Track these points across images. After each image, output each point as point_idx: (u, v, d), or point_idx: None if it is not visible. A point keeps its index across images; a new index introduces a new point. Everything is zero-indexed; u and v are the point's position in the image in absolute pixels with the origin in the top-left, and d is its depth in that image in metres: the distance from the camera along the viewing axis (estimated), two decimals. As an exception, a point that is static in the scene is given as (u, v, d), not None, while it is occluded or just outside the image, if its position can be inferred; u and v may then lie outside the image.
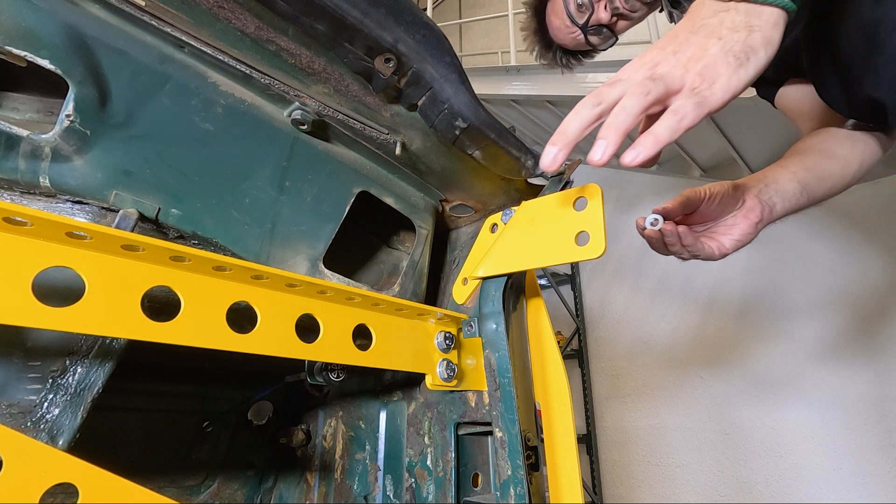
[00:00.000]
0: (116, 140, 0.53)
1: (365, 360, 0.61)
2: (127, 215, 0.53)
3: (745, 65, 0.47)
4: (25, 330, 0.51)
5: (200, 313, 0.49)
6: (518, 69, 2.90)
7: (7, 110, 0.60)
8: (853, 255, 2.53)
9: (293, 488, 1.06)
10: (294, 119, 0.64)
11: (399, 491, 0.80)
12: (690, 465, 2.82)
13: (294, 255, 0.67)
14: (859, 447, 2.32)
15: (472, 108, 0.64)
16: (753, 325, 2.75)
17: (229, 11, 0.53)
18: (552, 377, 0.73)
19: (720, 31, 0.48)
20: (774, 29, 0.48)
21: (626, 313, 3.32)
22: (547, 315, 0.78)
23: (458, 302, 0.80)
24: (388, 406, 0.87)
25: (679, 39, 0.49)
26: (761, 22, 0.48)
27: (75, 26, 0.49)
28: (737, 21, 0.48)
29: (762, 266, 2.80)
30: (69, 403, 0.52)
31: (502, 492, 0.64)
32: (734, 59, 0.46)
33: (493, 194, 0.83)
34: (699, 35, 0.48)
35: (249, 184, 0.63)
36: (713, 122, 2.61)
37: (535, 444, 0.71)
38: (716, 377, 2.83)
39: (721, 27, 0.48)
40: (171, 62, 0.55)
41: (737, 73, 0.46)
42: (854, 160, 0.78)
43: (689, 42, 0.48)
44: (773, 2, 0.48)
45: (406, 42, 0.57)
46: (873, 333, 2.39)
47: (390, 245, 0.98)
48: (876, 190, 2.52)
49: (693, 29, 0.49)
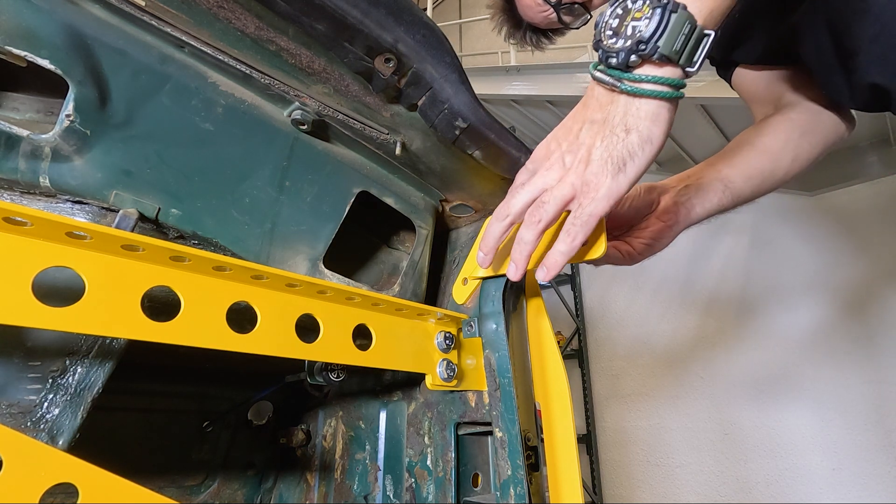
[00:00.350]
0: (116, 140, 0.53)
1: (365, 360, 0.61)
2: (127, 215, 0.53)
3: (623, 170, 0.47)
4: (25, 330, 0.51)
5: (200, 313, 0.49)
6: (518, 69, 2.90)
7: (7, 110, 0.60)
8: (853, 256, 2.53)
9: (293, 488, 1.06)
10: (294, 119, 0.64)
11: (399, 491, 0.80)
12: (690, 465, 2.82)
13: (294, 255, 0.67)
14: (859, 447, 2.33)
15: (472, 108, 0.64)
16: (753, 325, 2.75)
17: (229, 11, 0.53)
18: (552, 377, 0.73)
19: (604, 131, 0.48)
20: (654, 123, 0.46)
21: (626, 313, 3.32)
22: (547, 315, 0.78)
23: (458, 302, 0.80)
24: (388, 406, 0.87)
25: (570, 136, 0.52)
26: (638, 119, 0.47)
27: (75, 26, 0.49)
28: (617, 119, 0.47)
29: (762, 267, 2.80)
30: (69, 403, 0.52)
31: (502, 492, 0.64)
32: (612, 167, 0.47)
33: (493, 194, 0.83)
34: (587, 134, 0.50)
35: (249, 184, 0.63)
36: (712, 120, 2.61)
37: (535, 444, 0.71)
38: (716, 377, 2.83)
39: (605, 126, 0.48)
40: (171, 62, 0.55)
41: (616, 179, 0.47)
42: (786, 156, 0.76)
43: (577, 142, 0.50)
44: (650, 93, 0.46)
45: (406, 42, 0.57)
46: (874, 334, 2.39)
47: (390, 245, 0.98)
48: (876, 190, 2.53)
49: (583, 124, 0.51)
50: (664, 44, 0.44)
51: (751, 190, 0.74)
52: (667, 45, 0.44)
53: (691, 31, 0.44)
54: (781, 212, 2.77)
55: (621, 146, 0.47)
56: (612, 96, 0.48)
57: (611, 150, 0.47)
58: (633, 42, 0.45)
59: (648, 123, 0.46)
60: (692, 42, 0.45)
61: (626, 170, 0.47)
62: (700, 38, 0.45)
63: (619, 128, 0.47)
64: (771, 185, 0.76)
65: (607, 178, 0.47)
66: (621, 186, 0.48)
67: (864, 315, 2.43)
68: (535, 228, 0.51)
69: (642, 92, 0.46)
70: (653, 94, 0.46)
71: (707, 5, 0.45)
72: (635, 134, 0.47)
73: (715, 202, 0.71)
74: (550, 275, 0.52)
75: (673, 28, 0.44)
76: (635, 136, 0.47)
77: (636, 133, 0.47)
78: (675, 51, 0.44)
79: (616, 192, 0.48)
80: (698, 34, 0.45)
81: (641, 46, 0.44)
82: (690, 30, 0.44)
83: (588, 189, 0.48)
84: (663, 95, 0.46)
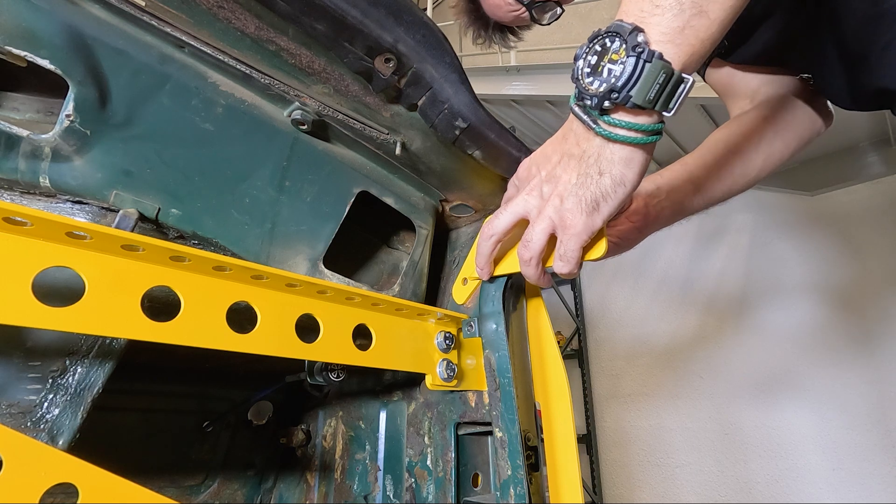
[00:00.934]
0: (116, 140, 0.53)
1: (365, 360, 0.61)
2: (127, 215, 0.53)
3: (597, 210, 0.48)
4: (25, 330, 0.51)
5: (200, 313, 0.49)
6: (518, 69, 2.90)
7: (7, 110, 0.60)
8: (853, 256, 2.53)
9: (293, 488, 1.06)
10: (294, 119, 0.64)
11: (399, 491, 0.80)
12: (690, 465, 2.82)
13: (294, 255, 0.67)
14: (859, 447, 2.33)
15: (472, 108, 0.64)
16: (753, 325, 2.75)
17: (229, 11, 0.53)
18: (552, 377, 0.73)
19: (580, 168, 0.49)
20: (627, 167, 0.47)
21: (626, 313, 3.32)
22: (547, 315, 0.78)
23: (458, 302, 0.80)
24: (388, 406, 0.87)
25: (549, 166, 0.53)
26: (612, 164, 0.47)
27: (75, 26, 0.49)
28: (592, 159, 0.48)
29: (762, 267, 2.80)
30: (69, 403, 0.52)
31: (502, 492, 0.64)
32: (586, 206, 0.48)
33: (493, 194, 0.83)
34: (564, 168, 0.51)
35: (249, 184, 0.63)
36: (712, 120, 2.61)
37: (535, 444, 0.71)
38: (716, 377, 2.83)
39: (581, 163, 0.49)
40: (171, 62, 0.55)
41: (591, 217, 0.49)
42: (758, 156, 0.75)
43: (555, 175, 0.52)
44: (623, 139, 0.46)
45: (406, 42, 0.57)
46: (874, 334, 2.39)
47: (390, 245, 0.98)
48: (876, 190, 2.53)
49: (561, 156, 0.52)
50: (637, 93, 0.43)
51: (721, 193, 0.75)
52: (639, 94, 0.43)
53: (667, 80, 0.43)
54: (781, 212, 2.77)
55: (594, 187, 0.48)
56: (589, 136, 0.48)
57: (584, 191, 0.48)
58: (607, 88, 0.44)
59: (622, 168, 0.47)
60: (668, 89, 0.43)
61: (600, 209, 0.49)
62: (678, 84, 0.44)
63: (594, 168, 0.48)
64: (743, 185, 0.76)
65: (582, 216, 0.49)
66: (596, 223, 0.49)
67: (864, 315, 2.43)
68: (529, 265, 0.55)
69: (616, 137, 0.46)
70: (626, 139, 0.46)
71: (684, 51, 0.44)
72: (608, 177, 0.47)
73: (685, 205, 0.72)
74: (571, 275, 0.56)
75: (647, 78, 0.42)
76: (608, 179, 0.47)
77: (609, 176, 0.47)
78: (649, 100, 0.43)
79: (592, 228, 0.50)
80: (676, 80, 0.43)
81: (614, 95, 0.44)
82: (666, 78, 0.43)
83: (565, 226, 0.50)
84: (637, 141, 0.45)
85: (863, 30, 0.62)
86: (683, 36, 0.43)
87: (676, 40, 0.43)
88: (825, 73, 0.71)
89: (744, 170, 0.75)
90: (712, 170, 0.73)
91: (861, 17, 0.62)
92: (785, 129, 0.76)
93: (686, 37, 0.43)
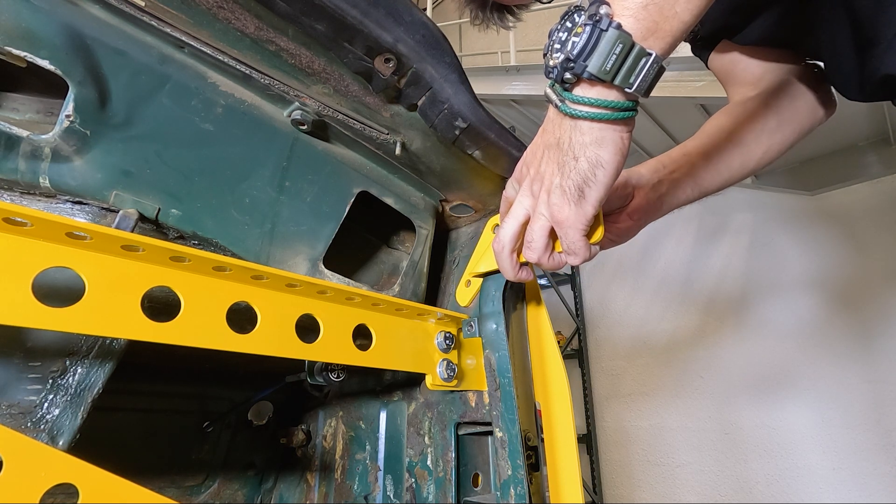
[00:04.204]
0: (116, 140, 0.53)
1: (365, 360, 0.61)
2: (127, 215, 0.53)
3: (583, 197, 0.48)
4: (25, 330, 0.51)
5: (200, 313, 0.49)
6: (518, 69, 2.90)
7: (7, 110, 0.60)
8: (853, 256, 2.53)
9: (293, 488, 1.06)
10: (294, 119, 0.64)
11: (399, 491, 0.80)
12: (690, 465, 2.82)
13: (294, 255, 0.67)
14: (859, 447, 2.33)
15: (472, 108, 0.64)
16: (753, 324, 2.75)
17: (229, 12, 0.53)
18: (552, 377, 0.73)
19: (559, 158, 0.48)
20: (600, 147, 0.45)
21: (626, 313, 3.32)
22: (547, 315, 0.78)
23: (462, 304, 0.79)
24: (388, 406, 0.87)
25: (535, 163, 0.53)
26: (584, 146, 0.46)
27: (75, 26, 0.49)
28: (566, 145, 0.47)
29: (762, 267, 2.80)
30: (69, 404, 0.52)
31: (502, 492, 0.64)
32: (571, 196, 0.48)
33: (493, 194, 0.83)
34: (546, 162, 0.50)
35: (249, 184, 0.63)
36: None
37: (536, 444, 0.71)
38: (716, 377, 2.83)
39: (559, 152, 0.48)
40: (170, 62, 0.55)
41: (580, 206, 0.48)
42: (759, 148, 0.75)
43: (540, 172, 0.52)
44: (586, 115, 0.44)
45: (406, 42, 0.57)
46: (873, 334, 2.39)
47: (390, 245, 0.98)
48: (876, 189, 2.53)
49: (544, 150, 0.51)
50: (592, 63, 0.42)
51: (718, 184, 0.74)
52: (595, 64, 0.42)
53: (626, 51, 0.42)
54: (781, 212, 2.77)
55: (574, 174, 0.47)
56: (560, 119, 0.47)
57: (566, 181, 0.48)
58: (564, 58, 0.43)
59: (595, 149, 0.46)
60: (629, 62, 0.42)
61: (587, 196, 0.47)
62: (640, 57, 0.42)
63: (569, 155, 0.47)
64: (740, 176, 0.76)
65: (570, 207, 0.48)
66: (587, 211, 0.48)
67: (864, 315, 2.43)
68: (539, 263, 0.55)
69: (579, 114, 0.45)
70: (590, 116, 0.44)
71: (645, 25, 0.42)
72: (584, 160, 0.46)
73: (682, 199, 0.72)
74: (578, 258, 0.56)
75: (603, 47, 0.41)
76: (584, 162, 0.46)
77: (585, 160, 0.46)
78: (605, 70, 0.42)
79: (585, 217, 0.49)
80: (637, 53, 0.42)
81: (570, 64, 0.43)
82: (624, 49, 0.42)
83: (558, 221, 0.50)
84: (602, 118, 0.44)
85: (876, 15, 0.60)
86: (647, 11, 0.43)
87: (639, 15, 0.43)
88: (836, 57, 0.69)
89: (743, 163, 0.75)
90: (712, 162, 0.73)
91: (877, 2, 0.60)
92: (787, 119, 0.76)
93: (649, 12, 0.43)
